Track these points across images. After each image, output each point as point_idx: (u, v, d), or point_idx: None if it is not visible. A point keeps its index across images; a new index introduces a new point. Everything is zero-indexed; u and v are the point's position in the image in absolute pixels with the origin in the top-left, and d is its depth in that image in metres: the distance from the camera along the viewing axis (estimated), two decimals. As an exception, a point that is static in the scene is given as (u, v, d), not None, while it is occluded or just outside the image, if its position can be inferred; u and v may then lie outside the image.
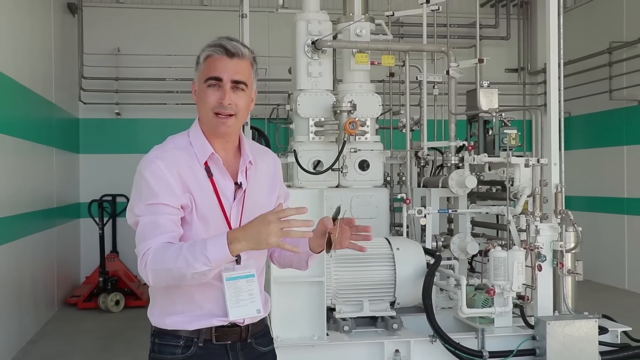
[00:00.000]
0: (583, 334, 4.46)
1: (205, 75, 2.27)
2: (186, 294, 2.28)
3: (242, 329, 2.34)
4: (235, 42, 2.28)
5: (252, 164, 2.37)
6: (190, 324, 2.29)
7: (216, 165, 2.29)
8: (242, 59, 2.27)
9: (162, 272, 2.13)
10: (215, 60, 2.25)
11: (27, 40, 7.44)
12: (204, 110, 2.29)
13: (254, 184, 2.37)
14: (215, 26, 10.90)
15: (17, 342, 6.72)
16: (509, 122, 5.93)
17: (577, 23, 10.78)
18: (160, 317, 2.33)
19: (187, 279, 2.11)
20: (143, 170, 2.24)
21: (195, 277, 2.10)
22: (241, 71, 2.27)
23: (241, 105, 2.28)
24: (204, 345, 2.30)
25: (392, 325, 4.72)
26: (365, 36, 6.02)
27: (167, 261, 2.11)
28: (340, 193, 5.83)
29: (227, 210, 2.28)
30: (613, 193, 10.26)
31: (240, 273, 2.29)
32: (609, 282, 10.17)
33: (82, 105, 10.71)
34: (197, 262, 2.06)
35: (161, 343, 2.33)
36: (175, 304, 2.30)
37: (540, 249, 4.81)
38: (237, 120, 2.30)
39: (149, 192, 2.21)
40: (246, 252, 2.26)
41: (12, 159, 6.65)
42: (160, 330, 2.34)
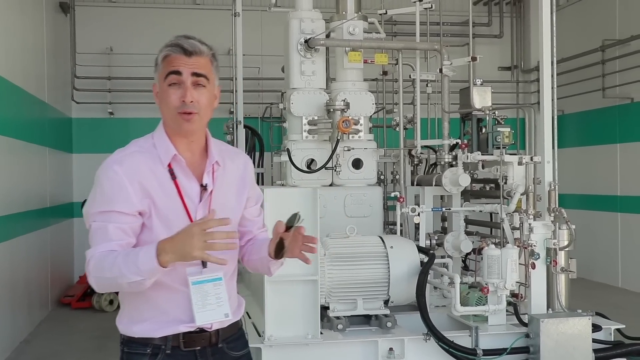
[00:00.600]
0: (577, 331, 4.47)
1: (164, 72, 2.24)
2: (152, 301, 2.25)
3: (212, 334, 2.31)
4: (192, 40, 2.26)
5: (220, 164, 2.34)
6: (156, 331, 2.26)
7: (180, 166, 2.26)
8: (200, 55, 2.25)
9: (101, 280, 2.15)
10: (173, 59, 2.23)
11: (19, 40, 7.41)
12: (166, 111, 2.26)
13: (222, 186, 2.33)
14: (208, 25, 10.94)
15: (10, 342, 6.70)
16: (503, 120, 5.94)
17: (570, 21, 10.80)
18: (128, 325, 2.31)
19: (125, 287, 2.13)
20: (101, 174, 2.23)
21: (131, 285, 2.10)
22: (200, 66, 2.25)
23: (203, 102, 2.25)
24: (171, 353, 2.26)
25: (386, 324, 4.72)
26: (358, 35, 6.01)
27: (104, 270, 2.11)
28: (334, 192, 5.83)
29: (191, 212, 2.24)
30: (606, 191, 10.29)
31: (206, 277, 2.25)
32: (602, 280, 10.20)
33: (75, 105, 10.69)
34: (130, 272, 2.06)
35: (129, 352, 2.30)
36: (142, 311, 2.28)
37: (534, 247, 4.80)
38: (201, 119, 2.26)
39: (102, 199, 2.20)
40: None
41: (5, 159, 6.63)
42: (129, 338, 2.31)
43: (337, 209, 5.80)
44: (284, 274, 4.26)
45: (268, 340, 4.26)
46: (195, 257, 2.03)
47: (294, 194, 4.39)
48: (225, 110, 10.96)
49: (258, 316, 4.82)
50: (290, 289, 4.33)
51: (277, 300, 4.31)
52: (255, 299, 5.33)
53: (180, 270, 2.21)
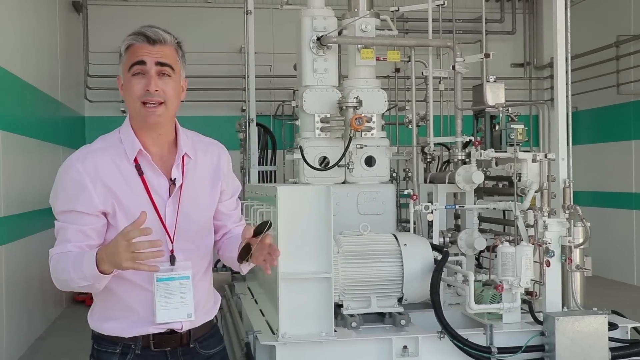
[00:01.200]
0: (592, 329, 4.43)
1: (128, 63, 2.18)
2: (122, 300, 2.22)
3: (183, 335, 2.27)
4: (156, 29, 2.21)
5: (191, 157, 2.27)
6: (126, 330, 2.23)
7: (146, 161, 2.20)
8: (164, 44, 2.19)
9: (58, 281, 2.15)
10: (137, 48, 2.17)
11: (33, 39, 7.45)
12: (130, 102, 2.19)
13: (193, 179, 2.27)
14: (220, 23, 10.96)
15: (26, 339, 6.75)
16: (516, 117, 5.91)
17: (584, 17, 10.72)
18: (99, 322, 2.29)
19: (81, 289, 2.13)
20: (63, 173, 2.19)
21: (83, 288, 2.11)
22: (165, 55, 2.18)
23: (169, 92, 2.18)
24: (141, 353, 2.23)
25: (399, 322, 4.70)
26: (370, 32, 5.99)
27: (59, 271, 2.12)
28: (347, 189, 5.82)
29: (160, 209, 2.19)
30: (621, 188, 10.22)
31: (173, 274, 2.20)
32: (617, 278, 10.13)
33: (88, 103, 10.74)
34: (77, 276, 2.06)
35: (100, 349, 2.28)
36: (112, 309, 2.25)
37: (549, 245, 4.77)
38: (167, 109, 2.19)
39: (64, 198, 2.17)
40: (182, 252, 2.22)
41: (20, 157, 6.67)
42: (99, 335, 2.28)
43: (350, 206, 5.79)
44: (297, 272, 4.28)
45: (282, 338, 4.25)
46: (127, 268, 1.98)
47: (308, 192, 4.37)
48: (236, 108, 11.01)
49: (272, 314, 4.82)
50: (304, 287, 4.31)
51: (291, 298, 4.29)
52: (268, 297, 5.33)
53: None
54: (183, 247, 2.24)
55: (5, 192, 6.06)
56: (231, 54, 10.86)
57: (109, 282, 2.18)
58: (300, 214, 4.28)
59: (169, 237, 2.22)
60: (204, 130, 2.44)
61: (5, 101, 6.23)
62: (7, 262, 6.08)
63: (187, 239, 2.25)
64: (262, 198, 5.11)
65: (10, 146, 6.30)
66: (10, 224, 6.22)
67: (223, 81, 10.83)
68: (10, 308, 6.15)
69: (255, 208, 5.03)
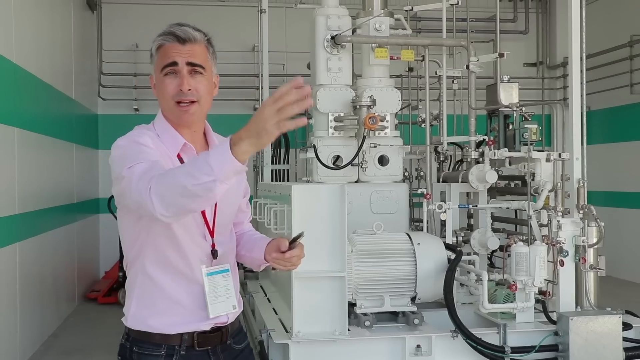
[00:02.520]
0: (607, 329, 4.42)
1: (160, 64, 2.18)
2: (164, 291, 2.18)
3: (223, 332, 2.29)
4: (185, 27, 2.20)
5: None
6: (176, 326, 2.19)
7: (189, 156, 2.20)
8: (195, 43, 2.19)
9: (166, 189, 1.87)
10: (168, 48, 2.17)
11: (48, 37, 7.49)
12: (164, 101, 2.19)
13: None
14: (233, 22, 10.99)
15: (39, 336, 6.80)
16: (530, 117, 5.90)
17: (598, 16, 10.67)
18: (141, 319, 2.20)
19: (190, 196, 1.83)
20: (124, 140, 2.11)
21: (198, 190, 1.81)
22: (196, 54, 2.18)
23: (202, 90, 2.19)
24: (186, 354, 2.20)
25: (413, 321, 4.70)
26: (384, 31, 5.99)
27: (169, 178, 1.87)
28: (360, 188, 5.82)
29: None
30: (634, 188, 10.17)
31: (217, 268, 2.24)
32: (629, 278, 10.09)
33: (101, 101, 10.80)
34: (199, 172, 1.81)
35: (141, 352, 2.20)
36: (155, 302, 2.19)
37: (562, 244, 4.77)
38: (201, 107, 2.20)
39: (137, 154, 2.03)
40: (221, 246, 2.24)
41: (35, 155, 6.72)
42: (140, 335, 2.20)
43: (363, 205, 5.79)
44: (311, 270, 4.29)
45: (296, 337, 4.26)
46: (270, 131, 1.76)
47: (322, 191, 4.38)
48: (249, 106, 11.04)
49: (285, 312, 4.84)
50: (317, 286, 4.33)
51: (305, 296, 4.31)
52: (281, 295, 5.35)
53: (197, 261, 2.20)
54: (220, 240, 2.28)
55: (20, 190, 6.10)
56: (244, 52, 10.90)
57: (155, 273, 2.17)
58: (314, 212, 4.29)
59: (210, 232, 2.25)
60: (216, 129, 2.45)
61: (21, 99, 6.28)
62: (22, 259, 6.13)
63: (223, 233, 2.30)
64: (276, 197, 5.12)
65: (26, 144, 6.35)
66: (25, 221, 6.26)
67: (236, 80, 10.86)
68: (24, 305, 6.19)
69: (269, 207, 5.05)
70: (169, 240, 2.15)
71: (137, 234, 2.19)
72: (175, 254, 2.17)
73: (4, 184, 5.70)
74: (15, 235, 5.99)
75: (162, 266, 2.17)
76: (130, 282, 2.26)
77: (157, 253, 2.17)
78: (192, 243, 2.19)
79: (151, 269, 2.18)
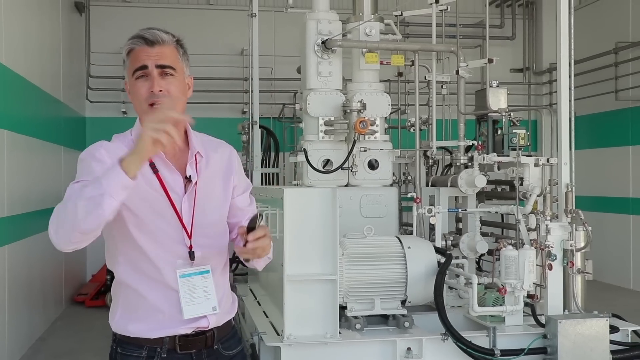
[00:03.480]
0: (594, 332, 4.48)
1: (131, 68, 2.22)
2: (146, 299, 2.21)
3: (208, 337, 2.28)
4: (154, 30, 2.23)
5: (202, 156, 2.31)
6: (153, 331, 2.22)
7: (160, 159, 2.22)
8: (163, 45, 2.22)
9: (58, 213, 1.96)
10: (137, 51, 2.21)
11: (36, 39, 7.47)
12: (138, 104, 2.23)
13: (206, 177, 2.30)
14: (222, 25, 11.00)
15: (27, 339, 6.76)
16: (518, 122, 5.97)
17: (583, 23, 10.77)
18: (122, 324, 2.26)
19: (79, 213, 1.90)
20: (86, 156, 2.17)
21: (86, 205, 1.89)
22: (165, 56, 2.21)
23: (173, 91, 2.21)
24: (167, 356, 2.23)
25: (403, 324, 4.74)
26: (374, 36, 6.03)
27: (64, 202, 1.97)
28: (350, 192, 5.85)
29: (177, 205, 2.22)
30: (618, 193, 10.29)
31: (194, 270, 2.23)
32: (613, 282, 10.19)
33: (89, 104, 10.76)
34: (89, 187, 1.92)
35: (123, 353, 2.26)
36: (137, 310, 2.24)
37: (551, 248, 4.82)
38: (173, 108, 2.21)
39: (87, 173, 2.08)
40: (200, 248, 2.24)
41: (23, 157, 6.69)
42: (122, 337, 2.27)
43: (352, 209, 5.82)
44: (302, 274, 4.31)
45: (287, 340, 4.28)
46: (146, 140, 1.90)
47: (314, 194, 4.41)
48: (237, 110, 11.05)
49: (276, 315, 4.86)
50: (309, 289, 4.35)
51: (296, 299, 4.33)
52: (271, 299, 5.37)
53: (169, 267, 2.20)
54: (200, 242, 2.27)
55: (9, 192, 6.07)
56: (232, 56, 10.90)
57: (131, 281, 2.21)
58: (306, 216, 4.32)
59: (187, 233, 2.24)
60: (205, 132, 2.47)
61: (10, 101, 6.25)
62: (10, 262, 6.09)
63: (204, 235, 2.28)
64: (267, 200, 5.14)
65: (15, 146, 6.32)
66: (13, 224, 6.23)
67: (224, 83, 10.86)
68: (12, 308, 6.16)
69: (261, 210, 5.06)
70: (136, 251, 2.20)
71: (114, 244, 2.25)
72: (145, 263, 2.21)
73: (-7, 187, 5.68)
74: (3, 238, 5.96)
75: (137, 275, 2.21)
76: (114, 289, 2.31)
77: (130, 263, 2.22)
78: (160, 250, 2.21)
79: (128, 278, 2.23)
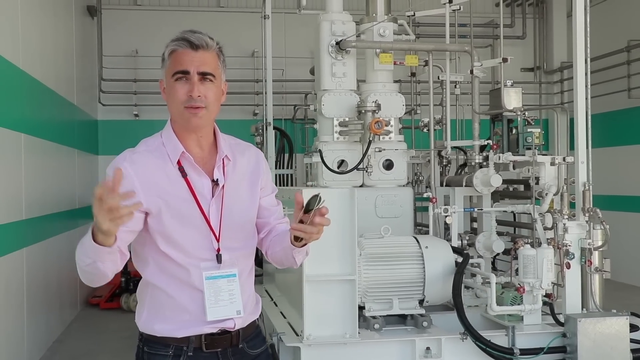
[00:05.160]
0: (614, 331, 4.47)
1: (171, 70, 2.22)
2: (172, 299, 2.24)
3: (233, 336, 2.30)
4: (199, 34, 2.24)
5: (230, 159, 2.32)
6: (179, 331, 2.25)
7: (189, 163, 2.25)
8: (207, 50, 2.23)
9: (77, 265, 2.12)
10: (180, 54, 2.21)
11: (51, 43, 7.51)
12: (174, 106, 2.24)
13: (233, 180, 2.32)
14: (232, 27, 11.01)
15: (45, 341, 6.80)
16: (533, 121, 5.96)
17: (595, 21, 10.63)
18: (149, 323, 2.28)
19: (88, 273, 2.10)
20: (109, 170, 2.20)
21: (89, 269, 2.07)
22: (207, 62, 2.23)
23: (211, 97, 2.23)
24: (193, 354, 2.25)
25: (421, 323, 4.75)
26: (388, 36, 6.04)
27: (77, 256, 2.10)
28: (365, 192, 5.86)
29: (204, 208, 2.24)
30: (632, 192, 10.25)
31: (220, 272, 2.25)
32: (628, 281, 10.15)
33: (101, 107, 10.81)
34: (83, 254, 2.05)
35: (150, 352, 2.28)
36: (164, 310, 2.26)
37: (569, 247, 4.82)
38: (208, 113, 2.25)
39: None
40: (228, 251, 2.27)
41: (39, 161, 6.73)
42: (149, 337, 2.29)
43: (368, 209, 5.82)
44: (321, 274, 4.32)
45: (307, 340, 4.30)
46: (106, 230, 1.91)
47: (332, 195, 4.41)
48: (249, 111, 11.07)
49: (294, 316, 4.87)
50: (328, 289, 4.37)
51: (316, 299, 4.34)
52: (288, 299, 5.38)
53: (196, 269, 2.23)
54: (228, 245, 2.29)
55: (27, 195, 6.11)
56: (243, 57, 10.92)
57: (159, 282, 2.24)
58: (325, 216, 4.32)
59: (215, 236, 2.26)
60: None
61: (27, 105, 6.30)
62: (28, 264, 6.13)
63: (232, 238, 2.30)
64: (285, 201, 5.14)
65: (32, 149, 6.36)
66: (31, 226, 6.27)
67: (235, 85, 10.87)
68: (31, 311, 6.20)
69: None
70: (164, 253, 2.23)
71: (141, 246, 2.28)
72: (173, 265, 2.24)
73: (12, 190, 5.72)
74: (22, 241, 6.00)
75: (165, 276, 2.24)
76: (140, 290, 2.34)
77: (158, 264, 2.25)
78: (188, 252, 2.23)
79: (155, 279, 2.26)
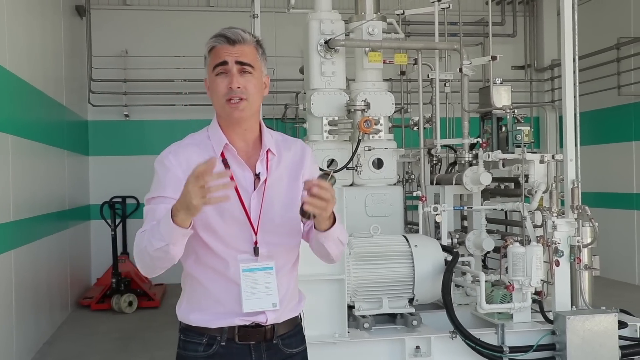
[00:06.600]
0: (603, 328, 4.49)
1: (212, 64, 2.29)
2: (210, 291, 2.30)
3: (267, 330, 2.32)
4: (235, 29, 2.30)
5: (275, 154, 2.35)
6: (212, 321, 2.30)
7: (232, 155, 2.29)
8: (244, 43, 2.29)
9: (138, 255, 2.18)
10: (219, 49, 2.28)
11: (39, 44, 7.47)
12: (216, 100, 2.30)
13: (277, 175, 2.34)
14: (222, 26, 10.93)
15: (34, 343, 6.76)
16: (522, 119, 5.97)
17: (585, 19, 10.70)
18: (186, 313, 2.36)
19: (155, 258, 2.14)
20: (157, 164, 2.31)
21: (159, 258, 2.12)
22: (245, 54, 2.28)
23: (251, 88, 2.27)
24: (226, 345, 2.30)
25: (411, 322, 4.75)
26: (377, 35, 6.03)
27: (140, 243, 2.17)
28: (355, 191, 5.85)
29: (245, 201, 2.26)
30: (622, 189, 10.28)
31: (258, 265, 2.27)
32: (618, 278, 10.18)
33: (91, 108, 10.75)
34: (155, 238, 2.10)
35: (186, 340, 2.36)
36: (200, 301, 2.32)
37: (558, 245, 4.82)
38: (250, 104, 2.29)
39: (157, 186, 2.27)
40: (266, 245, 2.28)
41: (28, 162, 6.69)
42: (186, 326, 2.37)
43: (358, 208, 5.82)
44: (310, 274, 4.31)
45: (298, 339, 4.28)
46: (195, 206, 1.98)
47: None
48: (240, 111, 11.05)
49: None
50: (317, 288, 4.37)
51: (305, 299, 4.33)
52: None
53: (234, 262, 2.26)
54: (267, 240, 2.30)
55: (15, 197, 6.08)
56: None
57: (197, 273, 2.30)
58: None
59: (253, 229, 2.29)
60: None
61: (15, 106, 6.26)
62: (17, 266, 6.10)
63: (271, 232, 2.31)
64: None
65: (20, 150, 6.33)
66: (19, 228, 6.24)
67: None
68: (19, 312, 6.16)
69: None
70: (204, 245, 2.28)
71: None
72: (211, 257, 2.29)
73: (-1, 191, 5.69)
74: (10, 243, 5.96)
75: (203, 268, 2.31)
76: (182, 280, 2.41)
77: (197, 255, 2.31)
78: (226, 244, 2.28)
79: (194, 270, 2.33)
